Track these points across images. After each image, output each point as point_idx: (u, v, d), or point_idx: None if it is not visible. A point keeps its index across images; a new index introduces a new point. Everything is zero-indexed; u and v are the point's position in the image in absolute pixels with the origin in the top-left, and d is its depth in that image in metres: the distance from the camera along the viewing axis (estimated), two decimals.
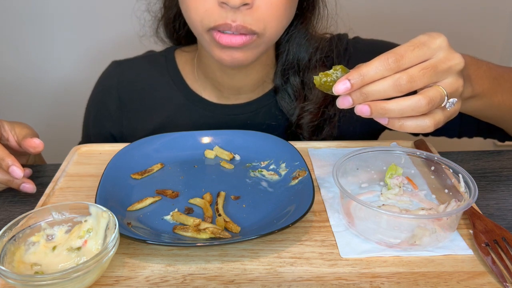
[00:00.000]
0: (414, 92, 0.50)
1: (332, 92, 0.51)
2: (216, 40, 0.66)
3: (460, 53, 0.52)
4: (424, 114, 0.50)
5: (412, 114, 0.49)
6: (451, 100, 0.51)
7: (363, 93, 0.49)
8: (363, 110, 0.50)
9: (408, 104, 0.48)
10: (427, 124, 0.50)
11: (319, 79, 0.52)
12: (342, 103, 0.51)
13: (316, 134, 0.81)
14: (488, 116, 0.71)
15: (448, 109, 0.51)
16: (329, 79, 0.52)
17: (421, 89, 0.50)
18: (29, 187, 0.64)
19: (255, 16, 0.65)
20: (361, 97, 0.49)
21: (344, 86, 0.49)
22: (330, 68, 0.52)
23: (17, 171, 0.61)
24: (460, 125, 0.81)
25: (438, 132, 0.83)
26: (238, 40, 0.66)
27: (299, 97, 0.80)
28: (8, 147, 0.66)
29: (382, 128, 0.90)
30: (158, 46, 0.92)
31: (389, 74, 0.49)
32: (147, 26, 0.87)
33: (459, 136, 0.85)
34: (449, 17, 1.48)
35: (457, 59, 0.51)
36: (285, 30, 0.74)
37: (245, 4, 0.63)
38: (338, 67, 0.52)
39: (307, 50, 0.79)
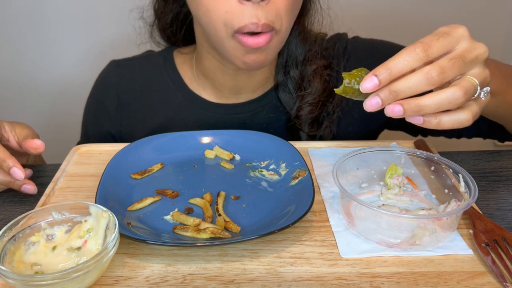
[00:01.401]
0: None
1: (357, 96, 0.49)
2: (244, 43, 0.65)
3: None
4: (459, 108, 0.48)
5: (448, 108, 0.47)
6: (484, 89, 0.49)
7: (392, 91, 0.47)
8: (395, 110, 0.47)
9: (444, 97, 0.46)
10: (465, 117, 0.48)
11: (343, 83, 0.50)
12: (370, 105, 0.48)
13: (315, 128, 0.81)
14: (500, 114, 0.70)
15: (483, 99, 0.49)
16: (353, 81, 0.49)
17: (448, 83, 0.48)
18: (30, 188, 0.64)
19: (274, 11, 0.64)
20: (391, 95, 0.47)
21: (372, 82, 0.46)
22: (331, 63, 0.50)
23: (18, 172, 0.61)
24: None
25: (438, 132, 0.83)
26: (262, 39, 0.65)
27: (299, 88, 0.80)
28: (8, 148, 0.66)
29: (381, 128, 0.90)
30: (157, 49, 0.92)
31: (417, 64, 0.46)
32: (142, 32, 0.87)
33: (458, 137, 0.85)
34: (449, 17, 1.48)
35: (482, 47, 0.49)
36: None
37: None
38: (360, 69, 0.50)
39: (306, 43, 0.79)
